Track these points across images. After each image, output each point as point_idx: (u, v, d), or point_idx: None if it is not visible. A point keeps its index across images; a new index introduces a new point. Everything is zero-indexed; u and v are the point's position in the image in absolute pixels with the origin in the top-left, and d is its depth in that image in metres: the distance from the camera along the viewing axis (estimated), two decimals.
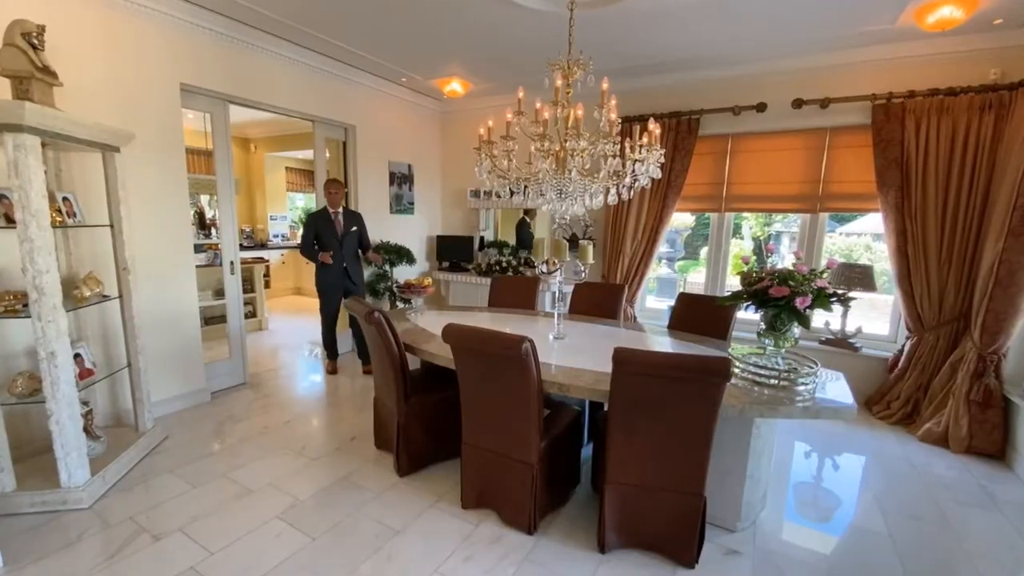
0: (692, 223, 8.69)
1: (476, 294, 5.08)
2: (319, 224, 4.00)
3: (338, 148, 4.67)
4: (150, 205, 3.11)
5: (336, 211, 4.01)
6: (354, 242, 4.11)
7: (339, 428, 3.16)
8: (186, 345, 3.38)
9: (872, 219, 9.56)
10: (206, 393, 3.52)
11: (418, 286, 3.29)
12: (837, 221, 10.73)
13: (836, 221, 10.78)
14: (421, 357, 2.50)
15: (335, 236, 4.00)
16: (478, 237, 5.52)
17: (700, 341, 2.74)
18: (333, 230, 4.00)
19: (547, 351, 2.51)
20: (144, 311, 3.04)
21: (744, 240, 12.14)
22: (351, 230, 4.06)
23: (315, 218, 4.05)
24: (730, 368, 1.59)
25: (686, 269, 9.10)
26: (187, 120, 3.49)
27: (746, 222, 11.57)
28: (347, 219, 4.05)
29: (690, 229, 9.21)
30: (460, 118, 5.54)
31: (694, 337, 2.83)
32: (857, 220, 10.15)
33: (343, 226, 4.02)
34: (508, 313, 3.46)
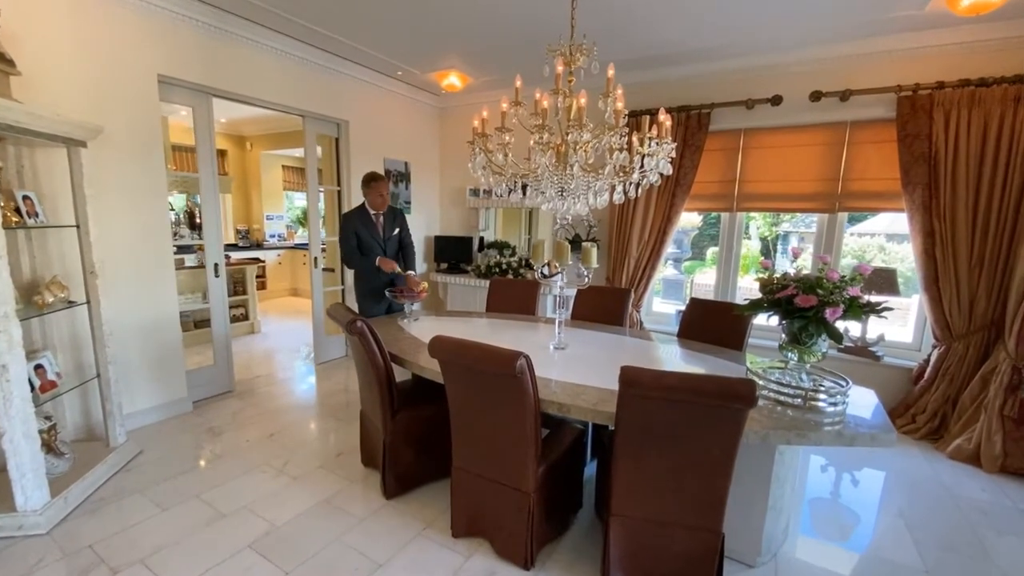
0: (699, 223, 8.46)
1: (475, 297, 4.88)
2: (359, 225, 3.47)
3: (331, 145, 4.47)
4: (126, 204, 2.92)
5: (380, 212, 3.53)
6: (395, 247, 3.64)
7: (325, 442, 2.97)
8: (166, 352, 3.19)
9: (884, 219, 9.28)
10: (187, 403, 3.33)
11: (411, 290, 3.09)
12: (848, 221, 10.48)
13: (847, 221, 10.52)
14: (409, 370, 2.30)
15: (379, 240, 3.51)
16: (477, 237, 5.32)
17: (714, 351, 2.52)
18: (376, 232, 3.51)
19: (547, 363, 2.30)
20: (119, 317, 2.87)
21: (751, 240, 11.89)
22: (393, 233, 3.59)
23: (354, 219, 3.49)
24: (755, 393, 1.37)
25: (692, 270, 8.86)
26: (180, 117, 3.31)
27: (753, 222, 11.31)
28: (389, 220, 3.59)
29: (697, 229, 8.97)
30: (458, 114, 5.34)
31: (707, 347, 2.61)
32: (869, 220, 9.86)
33: (385, 228, 3.56)
34: (507, 319, 3.26)
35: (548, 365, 2.27)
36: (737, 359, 2.43)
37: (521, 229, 5.60)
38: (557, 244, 2.63)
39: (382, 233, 3.54)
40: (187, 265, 5.02)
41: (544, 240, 2.73)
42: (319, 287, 4.41)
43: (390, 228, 3.60)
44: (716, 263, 10.33)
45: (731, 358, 2.44)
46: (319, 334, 4.43)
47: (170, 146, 5.08)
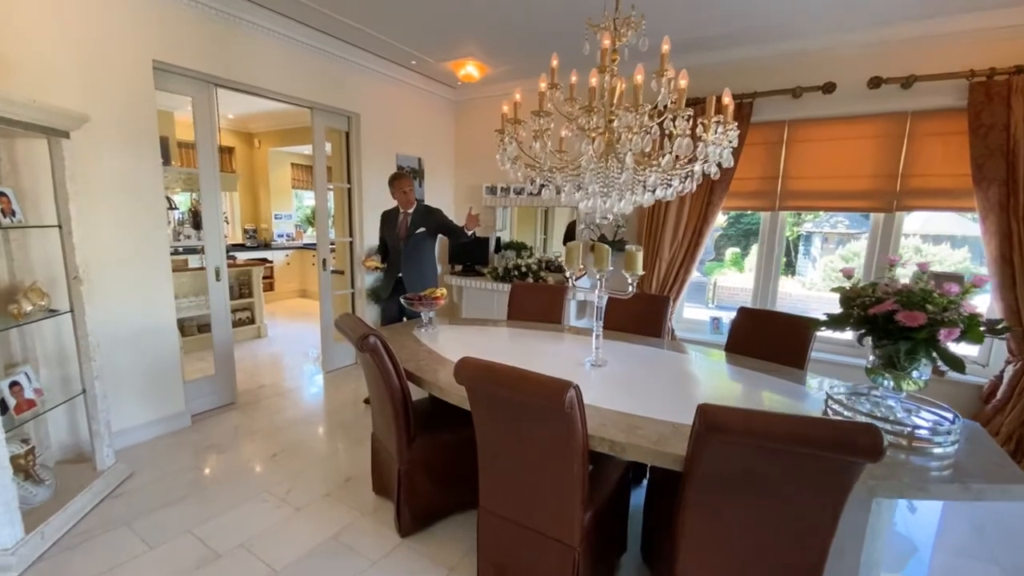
0: (723, 222, 8.08)
1: (492, 301, 4.58)
2: (386, 224, 3.63)
3: (340, 140, 4.21)
4: (119, 201, 2.67)
5: (408, 211, 3.50)
6: (420, 245, 3.50)
7: (334, 465, 2.69)
8: (162, 363, 2.94)
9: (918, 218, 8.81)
10: (185, 417, 3.08)
11: (428, 298, 2.80)
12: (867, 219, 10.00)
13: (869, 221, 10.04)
14: (429, 391, 2.01)
15: (396, 239, 3.51)
16: (494, 238, 5.02)
17: (773, 370, 2.20)
18: (396, 231, 3.52)
19: (584, 385, 1.99)
20: (110, 325, 2.62)
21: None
22: (417, 231, 3.47)
23: (384, 217, 3.67)
24: (882, 445, 1.06)
25: (711, 271, 8.51)
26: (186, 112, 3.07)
27: None
28: (416, 218, 3.49)
29: (721, 229, 8.60)
30: (474, 107, 5.05)
31: (763, 364, 2.29)
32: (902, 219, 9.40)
33: (409, 227, 3.48)
34: (531, 329, 2.96)
35: (586, 387, 1.95)
36: (803, 380, 2.11)
37: (537, 229, 5.30)
38: (596, 247, 2.33)
39: (403, 232, 3.48)
40: (192, 266, 4.81)
41: (579, 243, 2.43)
42: (328, 290, 4.15)
43: (415, 226, 3.47)
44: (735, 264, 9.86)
45: (795, 378, 2.13)
46: (328, 340, 4.17)
47: (176, 142, 4.89)
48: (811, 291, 8.22)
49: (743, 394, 1.98)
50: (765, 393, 1.99)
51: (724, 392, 2.03)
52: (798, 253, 11.33)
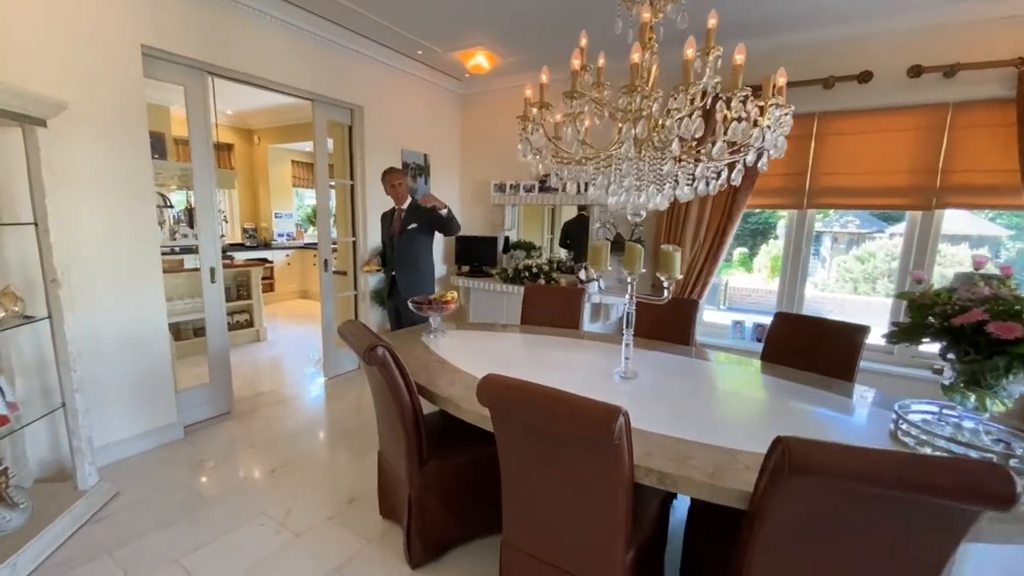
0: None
1: (501, 304, 4.38)
2: (384, 225, 3.57)
3: (343, 134, 4.00)
4: (104, 197, 2.47)
5: (402, 207, 3.37)
6: (413, 242, 3.35)
7: (337, 482, 2.49)
8: (152, 371, 2.74)
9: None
10: (177, 429, 2.88)
11: (438, 302, 2.60)
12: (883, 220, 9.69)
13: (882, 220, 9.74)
14: (442, 407, 1.80)
15: (390, 237, 3.46)
16: (502, 237, 4.82)
17: (821, 383, 1.99)
18: (391, 229, 3.45)
19: (615, 400, 1.80)
20: (94, 331, 2.43)
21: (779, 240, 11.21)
22: (409, 227, 3.32)
23: (383, 218, 3.62)
24: (1015, 490, 0.86)
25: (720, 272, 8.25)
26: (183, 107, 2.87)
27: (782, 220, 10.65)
28: (408, 214, 3.35)
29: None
30: (482, 101, 4.84)
31: (808, 376, 2.08)
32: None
33: (401, 224, 3.35)
34: (547, 335, 2.75)
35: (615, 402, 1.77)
36: (846, 389, 1.90)
37: (544, 228, 5.10)
38: (629, 247, 2.12)
39: (397, 228, 3.38)
40: (188, 267, 4.61)
41: (606, 243, 2.22)
42: (329, 293, 3.95)
43: (407, 223, 3.33)
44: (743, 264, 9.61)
45: (846, 391, 1.92)
46: (329, 345, 3.97)
47: (172, 138, 4.69)
48: (823, 292, 8.01)
49: (796, 413, 1.77)
50: (819, 410, 1.78)
51: (774, 410, 1.82)
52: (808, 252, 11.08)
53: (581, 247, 4.56)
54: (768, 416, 1.74)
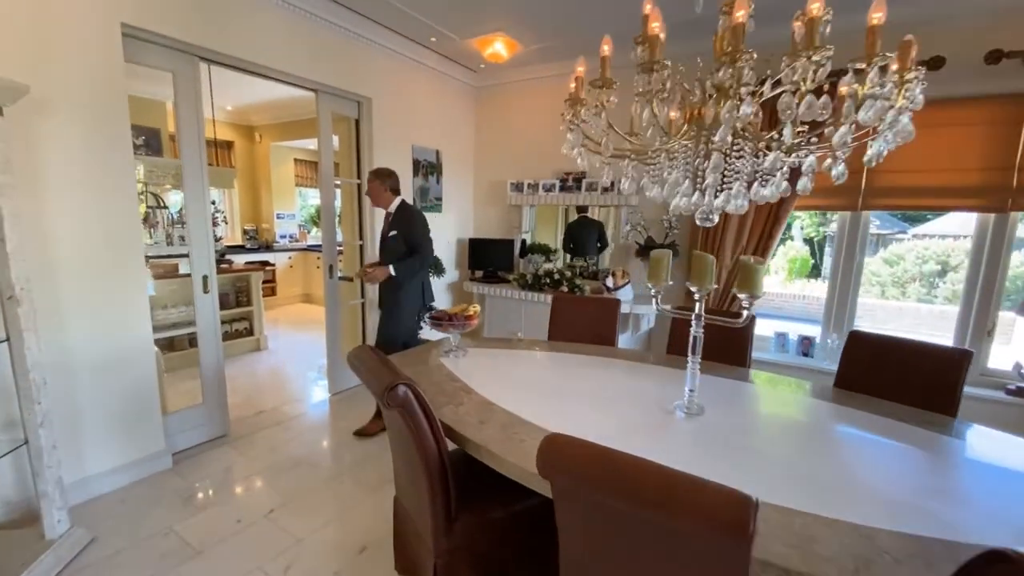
0: None
1: (519, 312, 4.06)
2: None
3: (350, 129, 3.69)
4: (78, 198, 2.16)
5: (389, 210, 3.05)
6: (394, 252, 2.98)
7: (345, 526, 2.17)
8: (136, 393, 2.43)
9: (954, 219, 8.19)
10: (165, 458, 2.57)
11: (460, 316, 2.28)
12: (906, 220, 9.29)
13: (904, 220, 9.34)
14: (474, 454, 1.48)
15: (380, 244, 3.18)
16: (519, 240, 4.50)
17: (932, 423, 1.66)
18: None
19: (683, 446, 1.48)
20: (67, 351, 2.12)
21: (795, 241, 10.84)
22: (391, 233, 3.01)
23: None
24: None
25: None
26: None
27: (798, 220, 10.26)
28: (393, 221, 3.03)
29: None
30: (497, 94, 4.51)
31: (905, 410, 1.75)
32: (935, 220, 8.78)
33: (386, 229, 3.07)
34: (581, 353, 2.42)
35: (678, 446, 1.45)
36: (948, 428, 1.57)
37: (558, 231, 4.76)
38: (696, 257, 1.81)
39: (382, 233, 3.10)
40: (183, 272, 4.31)
41: (666, 253, 1.88)
42: (335, 301, 3.63)
43: (390, 229, 3.02)
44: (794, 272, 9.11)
45: (952, 431, 1.59)
46: (335, 357, 3.66)
47: (169, 135, 4.39)
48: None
49: (928, 468, 1.43)
50: (963, 465, 1.44)
51: (896, 464, 1.46)
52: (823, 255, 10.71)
53: (586, 250, 4.27)
54: (893, 475, 1.38)
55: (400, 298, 3.01)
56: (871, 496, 1.22)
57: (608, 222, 4.18)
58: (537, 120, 4.27)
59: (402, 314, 3.03)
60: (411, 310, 3.06)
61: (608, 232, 4.17)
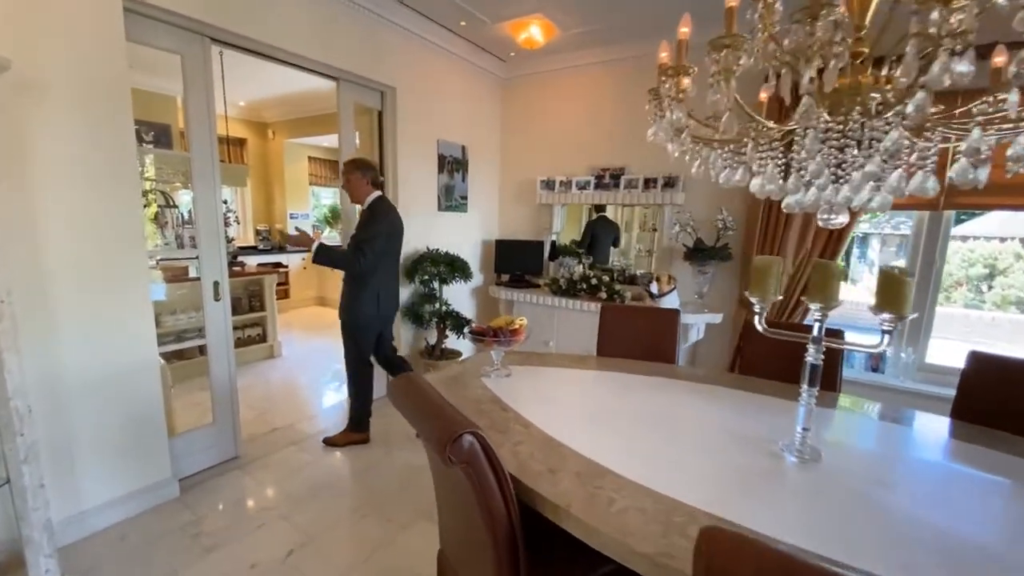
0: None
1: (551, 321, 3.75)
2: None
3: (371, 122, 3.41)
4: (72, 196, 1.90)
5: (364, 207, 2.74)
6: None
7: (375, 573, 1.88)
8: (138, 415, 2.17)
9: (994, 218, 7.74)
10: (171, 486, 2.30)
11: (505, 331, 1.98)
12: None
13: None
14: (555, 519, 1.17)
15: None
16: (549, 241, 4.20)
17: None
18: None
19: (799, 507, 1.17)
20: (56, 372, 1.86)
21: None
22: (354, 233, 2.73)
23: None
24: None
25: None
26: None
27: None
28: (361, 218, 2.75)
29: None
30: (526, 86, 4.21)
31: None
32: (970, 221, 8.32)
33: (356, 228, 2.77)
34: (640, 373, 2.11)
35: (812, 513, 1.13)
36: None
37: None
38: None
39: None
40: (193, 276, 4.07)
41: (776, 260, 1.57)
42: None
43: (357, 227, 2.71)
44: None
45: None
46: None
47: (180, 131, 4.15)
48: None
49: None
50: None
51: None
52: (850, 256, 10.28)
53: (604, 251, 4.03)
54: None
55: (352, 306, 2.70)
56: None
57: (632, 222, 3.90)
58: (571, 112, 3.96)
59: (360, 325, 2.73)
60: (367, 321, 2.73)
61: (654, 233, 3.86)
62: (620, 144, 3.77)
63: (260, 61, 2.60)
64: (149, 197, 4.65)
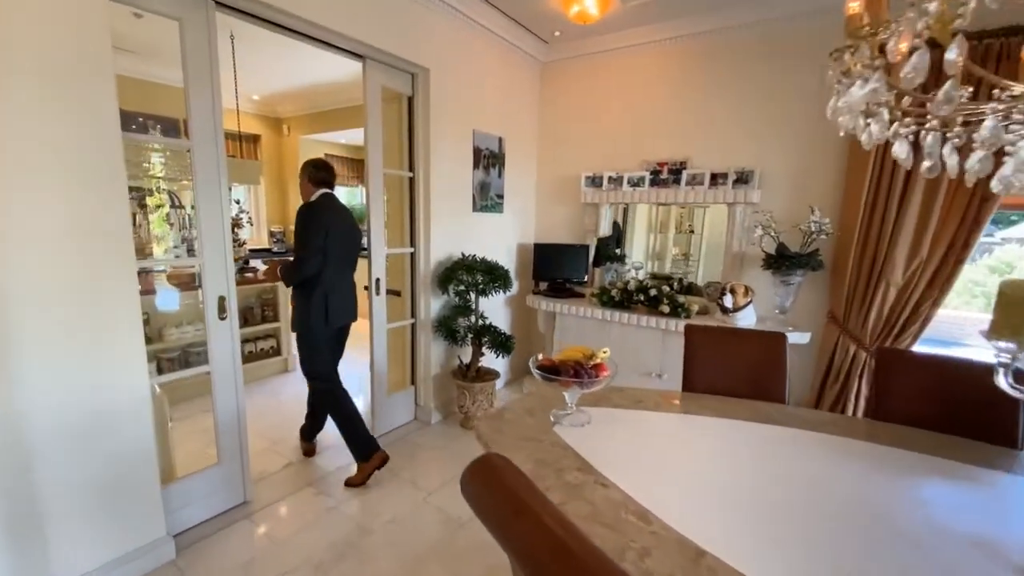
0: None
1: (601, 337, 3.29)
2: None
3: (399, 110, 2.98)
4: (40, 188, 1.49)
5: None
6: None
7: None
8: (124, 463, 1.76)
9: None
10: (166, 546, 1.89)
11: (586, 367, 1.53)
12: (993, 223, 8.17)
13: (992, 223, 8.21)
14: None
15: None
16: (593, 245, 3.74)
17: None
18: None
19: None
20: (20, 422, 1.45)
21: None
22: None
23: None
24: None
25: None
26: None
27: None
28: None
29: None
30: (568, 71, 3.75)
31: None
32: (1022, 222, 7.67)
33: None
34: (752, 420, 1.65)
35: None
36: None
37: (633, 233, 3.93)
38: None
39: None
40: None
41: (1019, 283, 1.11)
42: (382, 322, 2.93)
43: None
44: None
45: None
46: (380, 395, 2.96)
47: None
48: (944, 308, 6.65)
49: None
50: None
51: None
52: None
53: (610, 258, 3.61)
54: None
55: (300, 316, 2.41)
56: None
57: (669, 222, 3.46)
58: (623, 99, 3.50)
59: (311, 338, 2.43)
60: (317, 332, 2.43)
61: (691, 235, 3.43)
62: (681, 134, 3.29)
63: (275, 47, 2.21)
64: (159, 197, 4.31)
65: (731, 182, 3.05)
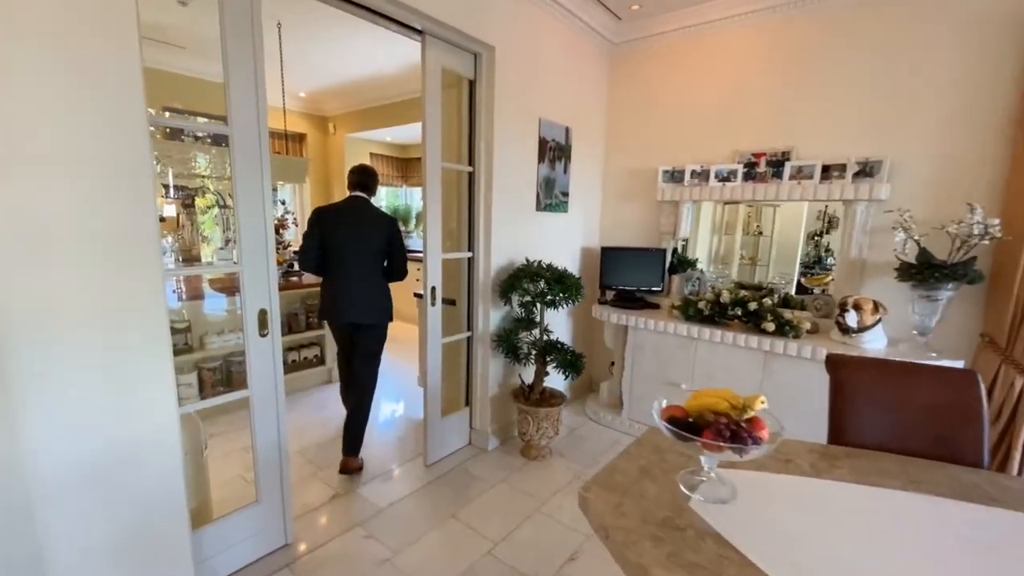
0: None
1: (683, 359, 2.84)
2: None
3: (458, 96, 2.64)
4: (50, 182, 1.22)
5: None
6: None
7: None
8: (151, 508, 1.48)
9: None
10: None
11: (740, 427, 1.12)
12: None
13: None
14: None
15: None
16: (671, 249, 3.29)
17: None
18: None
19: None
20: (28, 465, 1.18)
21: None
22: None
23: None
24: None
25: None
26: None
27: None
28: None
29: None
30: (644, 51, 3.32)
31: None
32: None
33: None
34: (949, 497, 1.19)
35: None
36: None
37: (713, 236, 3.44)
38: None
39: None
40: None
41: None
42: (437, 335, 2.60)
43: None
44: None
45: None
46: (433, 416, 2.63)
47: None
48: None
49: None
50: None
51: None
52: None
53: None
54: None
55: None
56: None
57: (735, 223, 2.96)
58: (709, 82, 3.04)
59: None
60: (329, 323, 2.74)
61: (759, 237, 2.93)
62: (782, 120, 2.80)
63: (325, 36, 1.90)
64: (208, 197, 4.17)
65: (851, 175, 2.54)
